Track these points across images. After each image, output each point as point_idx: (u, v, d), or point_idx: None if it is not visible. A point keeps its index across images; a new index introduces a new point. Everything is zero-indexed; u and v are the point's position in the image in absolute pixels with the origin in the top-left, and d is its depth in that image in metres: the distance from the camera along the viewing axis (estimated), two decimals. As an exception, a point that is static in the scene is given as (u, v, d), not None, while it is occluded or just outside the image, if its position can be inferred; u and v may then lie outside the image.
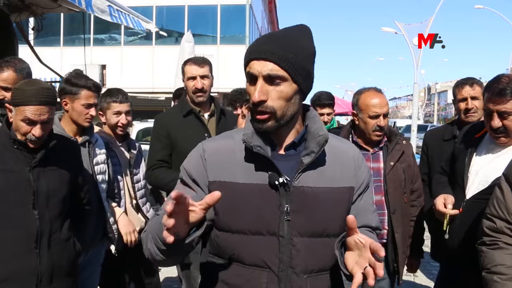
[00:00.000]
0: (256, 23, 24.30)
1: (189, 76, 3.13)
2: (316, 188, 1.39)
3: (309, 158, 1.39)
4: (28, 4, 4.74)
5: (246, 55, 1.39)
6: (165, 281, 4.90)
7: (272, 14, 34.07)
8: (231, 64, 17.92)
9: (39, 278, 2.12)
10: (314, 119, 1.47)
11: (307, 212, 1.38)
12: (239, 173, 1.39)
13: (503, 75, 2.29)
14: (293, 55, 1.34)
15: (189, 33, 7.02)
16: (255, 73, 1.35)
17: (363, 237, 1.26)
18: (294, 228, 1.37)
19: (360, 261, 1.25)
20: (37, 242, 2.13)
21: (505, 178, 1.89)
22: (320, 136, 1.41)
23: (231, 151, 1.43)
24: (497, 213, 1.88)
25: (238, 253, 1.38)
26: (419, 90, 22.14)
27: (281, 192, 1.37)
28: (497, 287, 1.80)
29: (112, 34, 21.67)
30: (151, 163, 3.11)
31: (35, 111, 2.10)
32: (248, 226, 1.37)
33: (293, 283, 1.37)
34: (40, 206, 2.15)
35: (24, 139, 2.14)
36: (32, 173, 2.15)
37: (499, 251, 1.83)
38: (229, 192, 1.36)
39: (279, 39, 1.37)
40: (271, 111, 1.35)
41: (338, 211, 1.42)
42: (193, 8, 21.05)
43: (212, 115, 3.21)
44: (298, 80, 1.36)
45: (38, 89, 2.12)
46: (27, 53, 5.06)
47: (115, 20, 5.10)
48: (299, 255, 1.37)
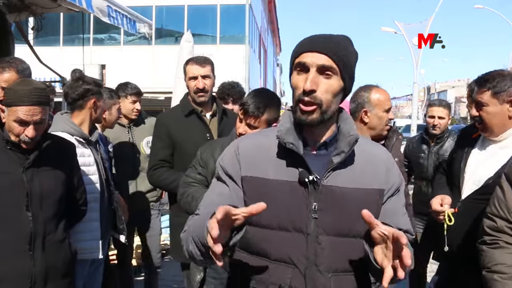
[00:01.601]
0: (255, 23, 24.29)
1: (191, 76, 3.12)
2: (345, 188, 1.41)
3: (339, 158, 1.41)
4: (28, 3, 4.73)
5: (298, 48, 1.43)
6: (165, 281, 4.89)
7: (272, 14, 34.06)
8: (230, 64, 17.91)
9: (32, 280, 2.10)
10: (347, 121, 1.50)
11: (334, 211, 1.40)
12: (271, 169, 1.42)
13: (500, 70, 2.32)
14: (344, 53, 1.40)
15: (189, 33, 7.00)
16: (309, 63, 1.38)
17: (385, 228, 1.25)
18: (320, 226, 1.39)
19: (388, 254, 1.25)
20: (30, 244, 2.11)
21: (506, 177, 1.89)
22: (351, 136, 1.44)
23: (264, 148, 1.47)
24: (498, 212, 1.88)
25: (265, 248, 1.41)
26: (418, 90, 22.15)
27: (310, 190, 1.39)
28: (497, 286, 1.80)
29: (111, 34, 21.65)
30: (153, 162, 3.11)
31: (28, 112, 2.08)
32: (276, 222, 1.39)
33: (317, 281, 1.38)
34: (34, 208, 2.12)
35: (17, 140, 2.12)
36: (25, 174, 2.12)
37: (500, 250, 1.84)
38: (260, 187, 1.41)
39: (331, 39, 1.43)
40: (319, 102, 1.38)
41: None
42: (192, 8, 21.04)
43: (214, 115, 3.20)
44: (346, 77, 1.41)
45: (31, 89, 2.10)
46: (26, 53, 5.04)
47: (111, 21, 5.09)
48: (324, 253, 1.39)
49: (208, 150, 2.57)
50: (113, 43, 21.89)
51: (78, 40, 18.72)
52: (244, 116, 2.34)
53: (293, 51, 1.45)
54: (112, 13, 5.08)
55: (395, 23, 21.54)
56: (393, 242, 1.22)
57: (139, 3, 17.16)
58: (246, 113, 2.32)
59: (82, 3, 4.45)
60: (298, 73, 1.41)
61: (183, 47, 6.71)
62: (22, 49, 5.18)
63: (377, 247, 1.29)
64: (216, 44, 20.81)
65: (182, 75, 4.19)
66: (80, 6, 4.52)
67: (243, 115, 2.34)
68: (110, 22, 5.08)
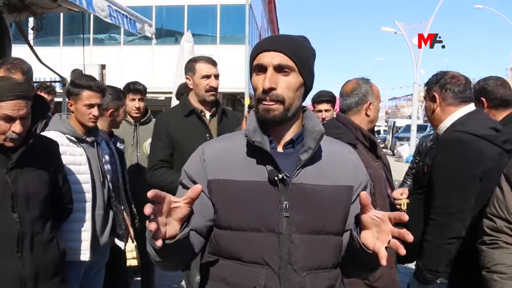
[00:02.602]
0: (256, 23, 24.30)
1: (205, 75, 3.13)
2: (315, 185, 1.41)
3: (306, 155, 1.41)
4: (28, 4, 4.74)
5: (254, 50, 1.46)
6: (165, 281, 4.90)
7: (272, 14, 34.08)
8: (230, 64, 17.92)
9: (23, 282, 2.07)
10: (311, 118, 1.50)
11: (306, 209, 1.39)
12: (238, 171, 1.41)
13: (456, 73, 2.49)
14: (300, 50, 1.42)
15: (189, 33, 7.00)
16: (265, 63, 1.40)
17: (379, 212, 1.27)
18: (293, 225, 1.37)
19: (381, 236, 1.26)
20: (18, 246, 2.07)
21: (505, 178, 1.90)
22: (316, 131, 1.44)
23: (230, 151, 1.45)
24: (497, 213, 1.88)
25: (237, 251, 1.39)
26: (418, 90, 22.15)
27: (280, 189, 1.38)
28: (497, 286, 1.80)
29: (111, 34, 21.67)
30: (152, 163, 3.11)
31: (13, 106, 2.03)
32: (247, 223, 1.37)
33: (292, 280, 1.36)
34: (20, 209, 2.09)
35: (3, 138, 2.06)
36: (8, 175, 2.07)
37: (499, 250, 1.84)
38: (228, 190, 1.39)
39: (286, 37, 1.47)
40: (281, 99, 1.39)
41: (337, 209, 1.43)
42: (192, 8, 21.06)
43: (213, 115, 3.20)
44: (304, 73, 1.43)
45: (12, 83, 2.06)
46: (26, 53, 5.05)
47: (113, 21, 5.09)
48: (298, 252, 1.37)
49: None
50: (113, 43, 21.91)
51: (78, 40, 18.73)
52: None
53: (250, 54, 1.48)
54: (113, 13, 5.08)
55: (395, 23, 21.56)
56: (392, 223, 1.24)
57: (139, 3, 17.17)
58: None
59: (82, 2, 4.45)
60: (257, 74, 1.43)
61: (183, 47, 6.71)
62: (22, 49, 5.18)
63: (365, 232, 1.31)
64: (216, 44, 20.83)
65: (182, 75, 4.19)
66: (80, 6, 4.52)
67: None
68: (111, 21, 5.08)
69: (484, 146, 2.22)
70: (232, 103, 25.00)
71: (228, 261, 1.41)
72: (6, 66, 2.61)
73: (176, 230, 1.24)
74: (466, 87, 2.40)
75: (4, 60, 2.71)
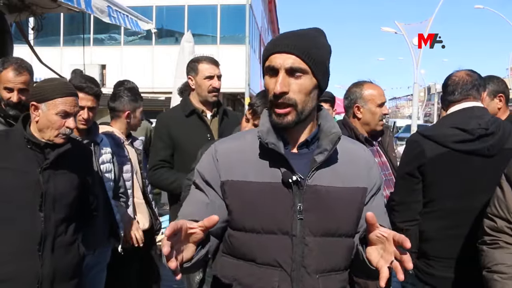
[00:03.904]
0: (256, 23, 24.29)
1: (208, 75, 3.12)
2: (330, 187, 1.39)
3: (322, 156, 1.39)
4: (28, 4, 4.73)
5: (266, 51, 1.40)
6: (165, 281, 4.89)
7: (272, 14, 34.06)
8: (231, 64, 17.92)
9: (39, 281, 2.09)
10: (327, 118, 1.47)
11: (320, 211, 1.37)
12: (252, 172, 1.39)
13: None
14: (314, 50, 1.36)
15: (189, 33, 7.01)
16: (277, 65, 1.35)
17: (385, 231, 1.25)
18: (306, 227, 1.36)
19: (385, 255, 1.24)
20: (40, 245, 2.09)
21: (506, 178, 1.90)
22: (333, 134, 1.41)
23: (243, 151, 1.43)
24: (498, 213, 1.88)
25: (250, 252, 1.38)
26: (419, 90, 22.15)
27: (294, 191, 1.36)
28: (497, 285, 1.80)
29: (112, 34, 21.66)
30: (153, 163, 3.11)
31: (70, 102, 2.13)
32: (261, 225, 1.36)
33: (305, 283, 1.36)
34: (47, 209, 2.11)
35: (56, 134, 2.13)
36: (42, 174, 2.11)
37: (500, 250, 1.84)
38: (242, 191, 1.38)
39: (300, 35, 1.39)
40: (293, 103, 1.36)
41: (350, 211, 1.42)
42: (193, 8, 21.04)
43: (214, 115, 3.20)
44: (318, 75, 1.38)
45: (64, 82, 2.18)
46: (27, 53, 5.05)
47: (113, 21, 5.09)
48: (311, 254, 1.36)
49: (209, 151, 2.57)
50: (113, 43, 21.90)
51: (78, 40, 18.72)
52: (252, 116, 2.35)
53: (262, 53, 1.43)
54: (113, 13, 5.08)
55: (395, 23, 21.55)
56: (395, 246, 1.22)
57: (139, 3, 17.16)
58: (255, 114, 2.33)
59: (81, 3, 4.44)
60: (269, 77, 1.39)
61: (184, 47, 6.72)
62: (22, 49, 5.18)
63: (371, 248, 1.29)
64: (216, 44, 20.81)
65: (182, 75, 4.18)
66: (79, 7, 4.52)
67: (251, 115, 2.36)
68: (111, 21, 5.08)
69: (428, 145, 2.30)
70: (232, 103, 24.99)
71: (242, 261, 1.40)
72: (14, 66, 2.61)
73: (193, 251, 1.23)
74: (456, 87, 2.37)
75: (6, 59, 2.69)
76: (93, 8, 4.68)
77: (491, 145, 2.22)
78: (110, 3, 5.04)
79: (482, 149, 2.22)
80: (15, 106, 2.62)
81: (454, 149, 2.25)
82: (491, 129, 2.23)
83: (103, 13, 4.89)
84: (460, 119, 2.30)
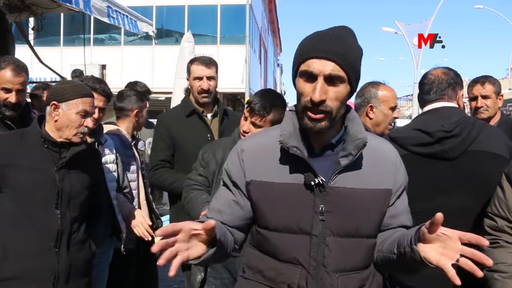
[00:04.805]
0: (256, 23, 24.29)
1: (196, 76, 3.11)
2: (352, 189, 1.40)
3: (346, 160, 1.39)
4: (28, 4, 4.74)
5: (303, 53, 1.37)
6: (165, 281, 4.89)
7: (272, 14, 34.07)
8: (231, 64, 17.92)
9: (56, 277, 2.14)
10: (354, 121, 1.46)
11: (341, 213, 1.39)
12: (275, 173, 1.42)
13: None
14: (351, 56, 1.35)
15: (189, 33, 7.02)
16: (315, 72, 1.33)
17: (446, 229, 1.23)
18: (328, 228, 1.39)
19: (448, 253, 1.22)
20: (57, 242, 2.15)
21: (506, 177, 1.90)
22: (359, 139, 1.41)
23: (268, 150, 1.46)
24: (498, 212, 1.89)
25: (273, 249, 1.43)
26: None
27: (316, 193, 1.38)
28: (497, 285, 1.81)
29: (112, 34, 21.67)
30: (153, 163, 3.11)
31: (90, 102, 2.22)
32: (283, 225, 1.40)
33: (325, 281, 1.39)
34: (62, 206, 2.18)
35: (74, 133, 2.18)
36: (58, 173, 2.17)
37: (500, 250, 1.84)
38: (265, 191, 1.42)
39: (336, 39, 1.36)
40: (329, 111, 1.35)
41: (373, 213, 1.43)
42: (193, 8, 21.04)
43: (215, 116, 3.19)
44: (353, 81, 1.38)
45: (82, 83, 2.30)
46: (27, 53, 5.05)
47: (112, 21, 5.09)
48: (331, 255, 1.39)
49: (209, 151, 2.57)
50: (114, 43, 21.91)
51: (78, 40, 18.72)
52: (249, 114, 2.36)
53: (296, 54, 1.40)
54: (112, 14, 5.08)
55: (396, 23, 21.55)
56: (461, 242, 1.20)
57: (139, 3, 17.17)
58: (252, 112, 2.34)
59: (79, 4, 4.44)
60: (305, 81, 1.36)
61: (184, 47, 6.73)
62: (22, 49, 5.18)
63: (427, 246, 1.26)
64: (216, 44, 20.82)
65: (182, 75, 4.19)
66: (78, 8, 4.52)
67: (248, 113, 2.36)
68: (110, 22, 5.08)
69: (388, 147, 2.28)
70: (232, 103, 24.99)
71: (266, 256, 1.46)
72: (12, 66, 2.61)
73: (203, 249, 1.26)
74: (431, 86, 2.32)
75: (2, 59, 2.68)
76: (92, 8, 4.68)
77: (450, 147, 2.14)
78: (110, 3, 5.05)
79: (440, 152, 2.16)
80: (12, 107, 2.62)
81: (413, 152, 2.19)
82: (454, 131, 2.15)
83: (102, 13, 4.89)
84: (424, 121, 2.26)
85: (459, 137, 2.14)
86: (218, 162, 2.49)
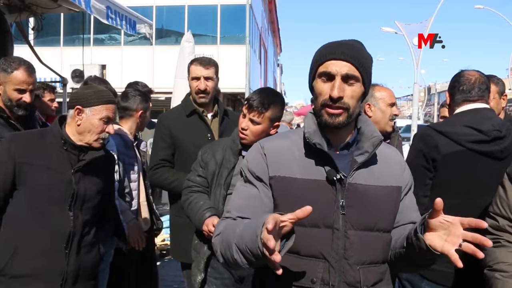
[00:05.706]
0: (256, 23, 24.29)
1: (193, 76, 3.13)
2: (367, 186, 1.50)
3: (362, 157, 1.51)
4: (28, 4, 4.74)
5: (321, 56, 1.50)
6: (165, 281, 4.89)
7: (272, 14, 34.07)
8: (231, 64, 17.91)
9: (64, 278, 2.16)
10: (367, 122, 1.58)
11: (360, 208, 1.48)
12: (298, 169, 1.50)
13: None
14: (364, 60, 1.49)
15: (189, 33, 7.01)
16: (333, 72, 1.46)
17: (448, 216, 1.31)
18: (348, 222, 1.46)
19: (451, 239, 1.30)
20: (68, 243, 2.17)
21: (508, 177, 1.90)
22: (375, 137, 1.53)
23: (288, 149, 1.54)
24: (500, 212, 1.89)
25: (296, 245, 1.43)
26: (419, 90, 22.13)
27: (337, 188, 1.47)
28: (498, 284, 1.81)
29: (112, 34, 21.66)
30: (154, 162, 3.11)
31: (113, 109, 2.27)
32: (307, 219, 1.41)
33: (346, 273, 1.45)
34: (76, 209, 2.20)
35: (95, 138, 2.21)
36: (74, 175, 2.19)
37: (501, 249, 1.85)
38: (288, 187, 1.49)
39: (350, 46, 1.51)
40: (346, 107, 1.47)
41: (387, 207, 1.53)
42: (193, 8, 21.04)
43: (215, 116, 3.20)
44: (366, 83, 1.51)
45: (106, 90, 2.33)
46: (27, 53, 5.04)
47: (110, 22, 5.09)
48: (352, 247, 1.46)
49: (209, 151, 2.57)
50: (114, 43, 21.91)
51: (78, 40, 18.74)
52: (248, 110, 2.36)
53: (314, 59, 1.53)
54: (112, 14, 5.08)
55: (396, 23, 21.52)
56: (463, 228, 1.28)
57: (139, 3, 17.17)
58: (250, 108, 2.35)
59: (81, 3, 4.45)
60: (323, 81, 1.49)
61: (184, 47, 6.72)
62: (22, 49, 5.18)
63: (431, 234, 1.34)
64: (216, 44, 20.82)
65: (182, 75, 4.19)
66: (79, 6, 4.52)
67: (247, 109, 2.37)
68: (109, 23, 5.08)
69: (442, 141, 2.29)
70: (233, 103, 24.99)
71: (287, 254, 1.45)
72: (24, 67, 2.62)
73: (278, 245, 1.28)
74: (473, 86, 2.37)
75: (11, 59, 2.69)
76: (92, 8, 4.68)
77: (505, 147, 2.23)
78: (110, 3, 5.04)
79: (496, 151, 2.23)
80: (26, 106, 2.63)
81: (469, 148, 2.24)
82: (503, 132, 2.23)
83: (101, 14, 4.89)
84: (473, 119, 2.29)
85: (509, 138, 2.24)
86: (218, 162, 2.49)
